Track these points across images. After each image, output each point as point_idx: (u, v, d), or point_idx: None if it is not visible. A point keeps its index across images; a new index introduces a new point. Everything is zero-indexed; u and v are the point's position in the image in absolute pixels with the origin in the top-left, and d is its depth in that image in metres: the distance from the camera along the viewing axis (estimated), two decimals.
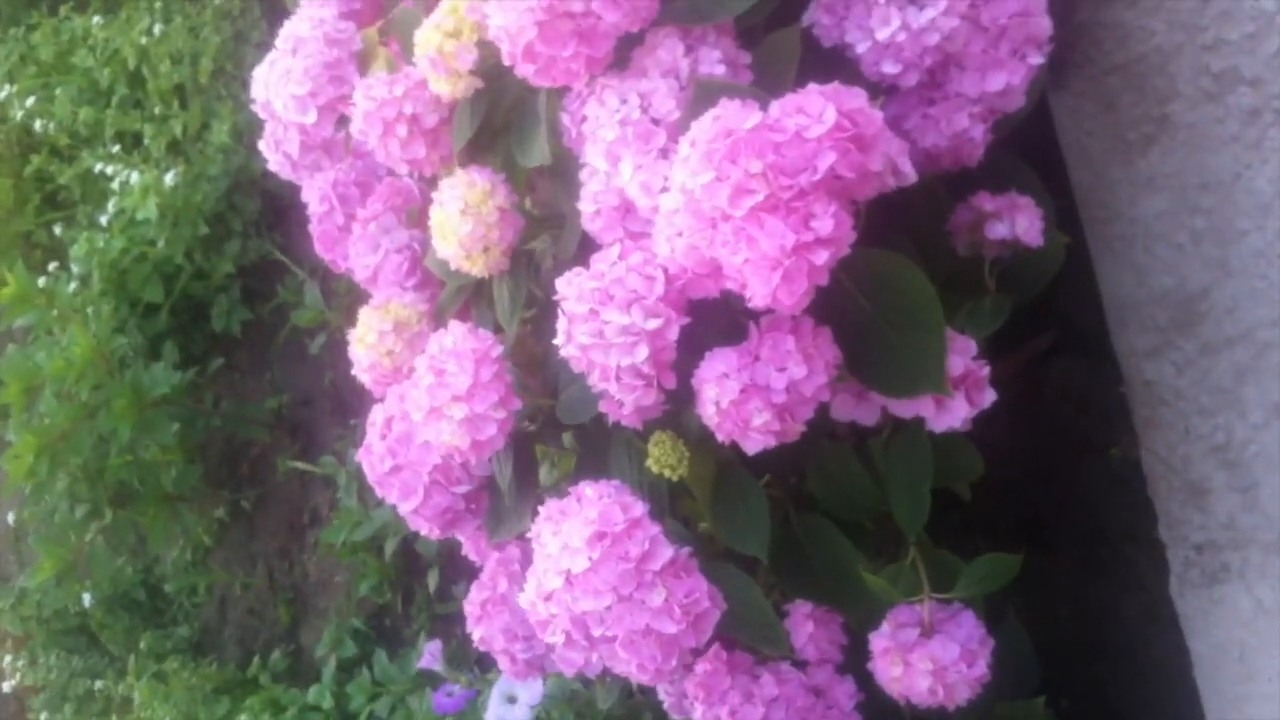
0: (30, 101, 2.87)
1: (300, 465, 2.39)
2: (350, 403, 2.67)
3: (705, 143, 1.01)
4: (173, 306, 2.88)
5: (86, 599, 3.05)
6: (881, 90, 1.19)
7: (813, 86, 1.03)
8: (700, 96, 1.11)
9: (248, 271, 2.82)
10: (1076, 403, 1.55)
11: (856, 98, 1.03)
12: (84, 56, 2.94)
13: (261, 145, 1.44)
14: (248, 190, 2.71)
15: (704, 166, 1.01)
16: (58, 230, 3.07)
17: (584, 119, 1.16)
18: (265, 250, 2.71)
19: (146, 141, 2.80)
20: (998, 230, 1.23)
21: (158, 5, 2.71)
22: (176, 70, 2.71)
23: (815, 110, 1.01)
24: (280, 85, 1.37)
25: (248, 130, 2.64)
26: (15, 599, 3.21)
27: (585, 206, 1.16)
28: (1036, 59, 1.19)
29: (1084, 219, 1.45)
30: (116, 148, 2.83)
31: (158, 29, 2.67)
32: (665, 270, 1.08)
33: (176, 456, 2.60)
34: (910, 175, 1.13)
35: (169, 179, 2.61)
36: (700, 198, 1.01)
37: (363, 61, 1.45)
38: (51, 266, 3.00)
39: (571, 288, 1.10)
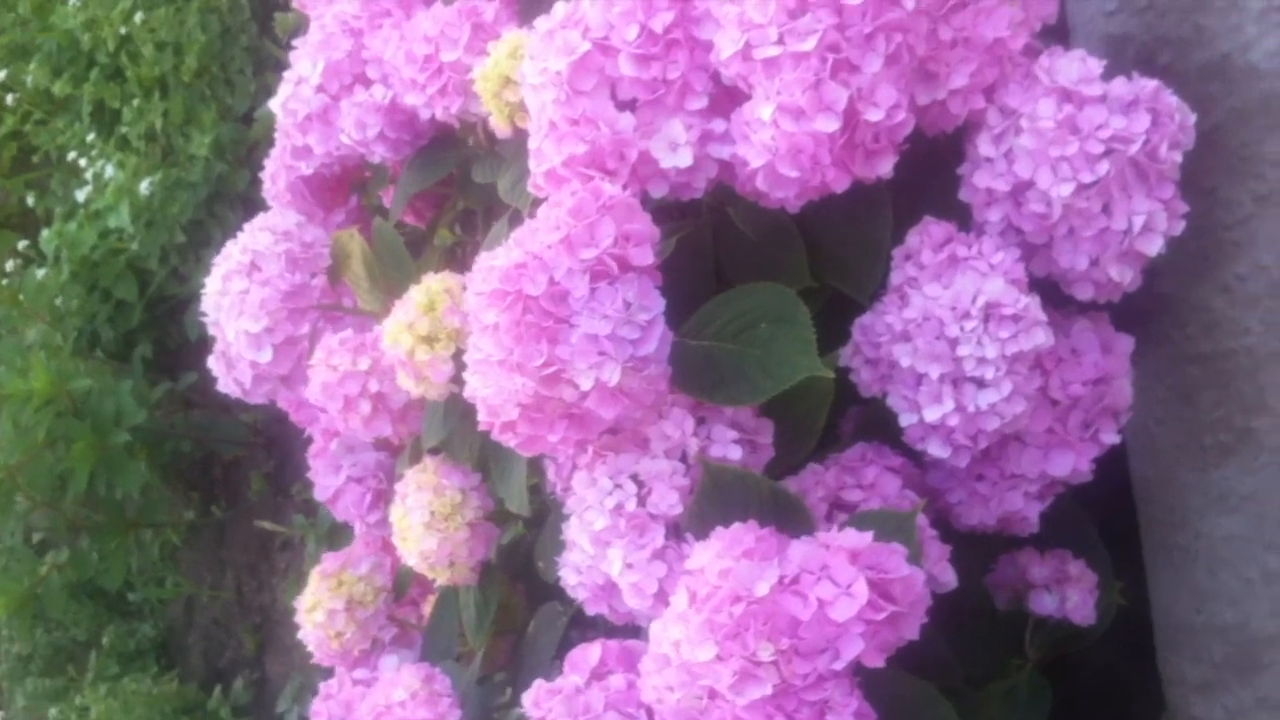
0: (2, 75, 2.65)
1: (268, 526, 2.24)
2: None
3: (708, 607, 0.84)
4: (148, 302, 2.70)
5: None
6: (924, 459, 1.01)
7: (843, 542, 0.85)
8: (708, 489, 0.94)
9: None
10: (1117, 700, 1.39)
11: (894, 558, 0.85)
12: (64, 16, 2.70)
13: (210, 361, 1.25)
14: (230, 200, 2.51)
15: (703, 637, 0.84)
16: (30, 200, 2.88)
17: (570, 484, 0.98)
18: None
19: (124, 128, 2.59)
20: (1044, 604, 1.07)
21: None
22: (160, 59, 2.48)
23: (844, 579, 0.84)
24: (232, 315, 1.18)
25: (231, 144, 2.42)
26: None
27: (568, 576, 0.99)
28: (1111, 437, 1.01)
29: (1141, 513, 1.28)
30: (92, 134, 2.61)
31: (139, 17, 2.43)
32: (649, 710, 0.91)
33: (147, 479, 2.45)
34: (950, 584, 0.96)
35: (144, 188, 2.40)
36: (698, 671, 0.84)
37: (334, 270, 1.25)
38: (21, 245, 2.82)
39: (538, 710, 0.93)
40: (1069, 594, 1.05)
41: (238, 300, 1.18)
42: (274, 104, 1.29)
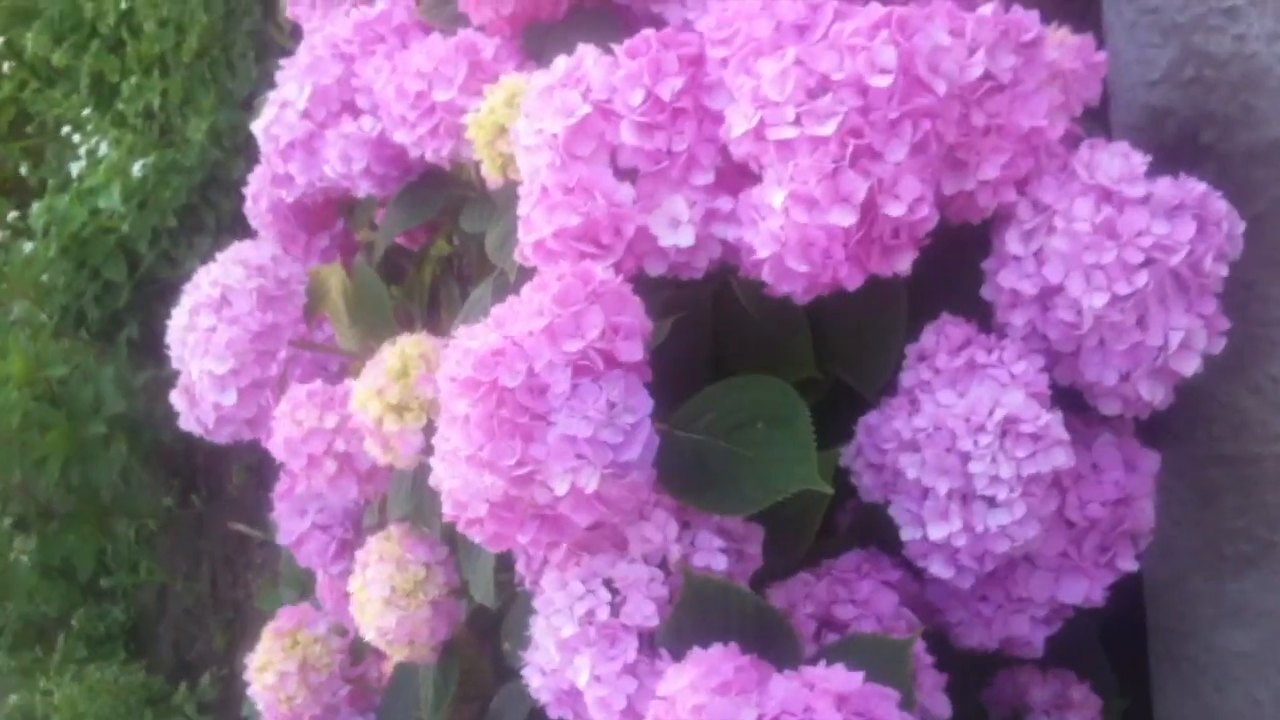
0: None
1: (244, 529, 2.17)
2: None
3: None
4: (136, 283, 2.62)
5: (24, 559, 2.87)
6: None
7: (829, 684, 0.77)
8: (689, 601, 0.86)
9: None
10: None
11: (886, 705, 0.78)
12: None
13: (173, 396, 1.17)
14: (225, 187, 2.43)
15: None
16: (23, 170, 2.80)
17: (539, 580, 0.91)
18: None
19: (122, 104, 2.51)
20: None
21: None
22: (161, 37, 2.40)
23: None
24: (196, 354, 1.10)
25: (228, 131, 2.34)
26: None
27: (531, 677, 0.92)
28: (1129, 564, 0.93)
29: (1150, 616, 1.20)
30: (89, 107, 2.53)
31: None
32: None
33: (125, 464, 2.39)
34: (944, 716, 0.89)
35: (136, 170, 2.32)
36: None
37: (311, 305, 1.18)
38: (11, 216, 2.74)
39: None
40: None
41: (204, 338, 1.10)
42: (256, 127, 1.20)
